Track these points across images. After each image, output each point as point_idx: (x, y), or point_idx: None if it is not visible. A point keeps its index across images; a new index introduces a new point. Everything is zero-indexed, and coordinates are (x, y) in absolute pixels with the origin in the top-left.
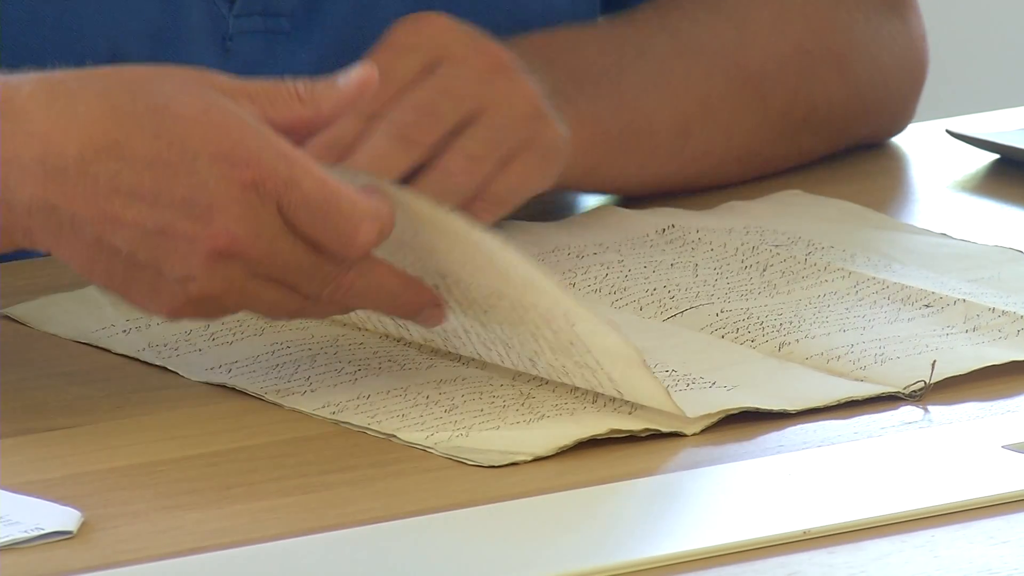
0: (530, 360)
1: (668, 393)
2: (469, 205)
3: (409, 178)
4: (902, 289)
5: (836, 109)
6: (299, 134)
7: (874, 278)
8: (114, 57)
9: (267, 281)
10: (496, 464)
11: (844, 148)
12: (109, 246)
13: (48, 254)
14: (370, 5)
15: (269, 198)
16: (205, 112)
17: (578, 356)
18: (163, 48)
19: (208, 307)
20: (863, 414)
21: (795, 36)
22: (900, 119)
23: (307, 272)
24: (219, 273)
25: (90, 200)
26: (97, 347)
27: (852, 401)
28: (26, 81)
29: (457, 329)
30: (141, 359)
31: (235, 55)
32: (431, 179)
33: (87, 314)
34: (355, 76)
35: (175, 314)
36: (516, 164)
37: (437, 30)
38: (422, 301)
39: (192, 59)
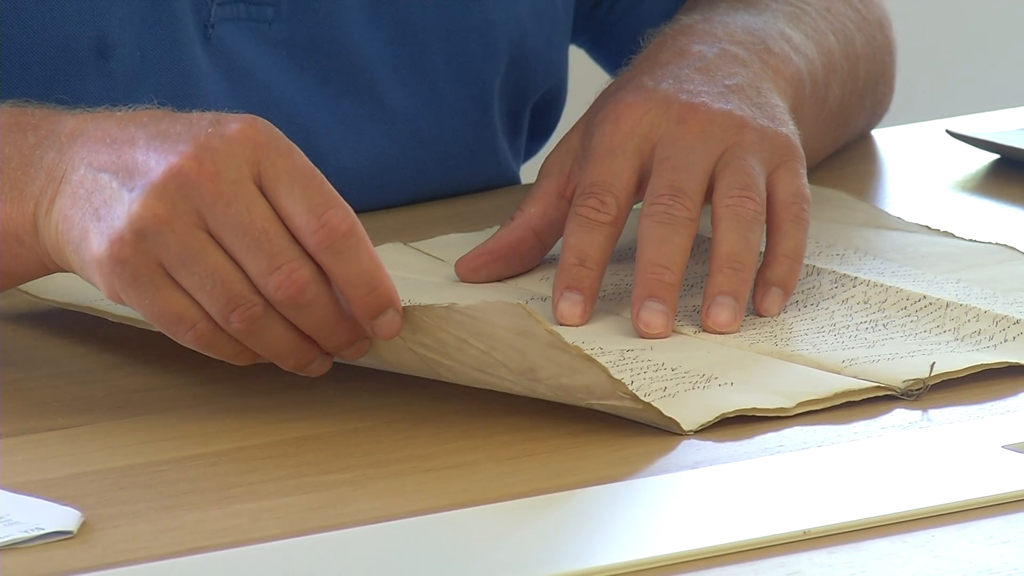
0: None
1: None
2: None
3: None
4: (897, 292)
5: (883, 101)
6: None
7: (866, 280)
8: (99, 43)
9: (211, 241)
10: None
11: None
12: (94, 179)
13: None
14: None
15: (253, 153)
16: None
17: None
18: (148, 34)
19: (146, 244)
20: (863, 415)
21: (869, 30)
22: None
23: (260, 237)
24: (170, 194)
25: (105, 132)
26: (95, 316)
27: (851, 402)
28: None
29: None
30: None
31: (216, 42)
32: (726, 230)
33: (88, 288)
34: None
35: (113, 243)
36: (778, 174)
37: (630, 123)
38: (357, 332)
39: (176, 45)
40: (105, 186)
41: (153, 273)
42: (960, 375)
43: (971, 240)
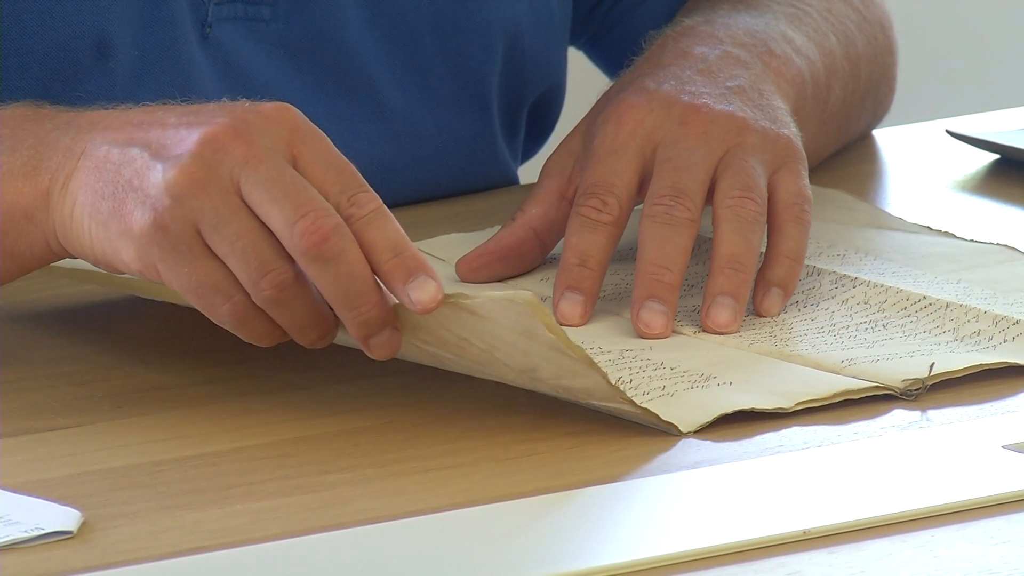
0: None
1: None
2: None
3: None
4: (897, 292)
5: (884, 101)
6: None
7: (866, 281)
8: (99, 43)
9: (244, 207)
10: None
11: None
12: (122, 152)
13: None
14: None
15: (288, 133)
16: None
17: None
18: (147, 34)
19: (183, 210)
20: (862, 415)
21: (870, 30)
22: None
23: (288, 188)
24: (207, 159)
25: (129, 118)
26: (95, 317)
27: (850, 402)
28: None
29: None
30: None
31: (213, 41)
32: (727, 231)
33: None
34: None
35: (156, 211)
36: (779, 175)
37: (632, 124)
38: (386, 319)
39: (174, 45)
40: (135, 158)
41: (191, 240)
42: (959, 375)
43: (972, 240)
